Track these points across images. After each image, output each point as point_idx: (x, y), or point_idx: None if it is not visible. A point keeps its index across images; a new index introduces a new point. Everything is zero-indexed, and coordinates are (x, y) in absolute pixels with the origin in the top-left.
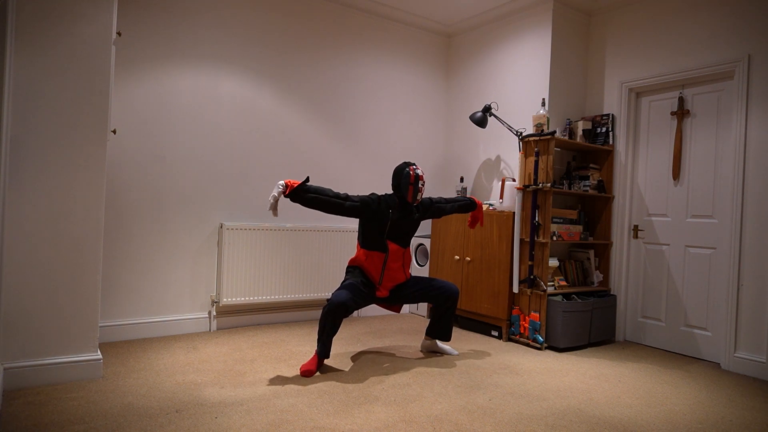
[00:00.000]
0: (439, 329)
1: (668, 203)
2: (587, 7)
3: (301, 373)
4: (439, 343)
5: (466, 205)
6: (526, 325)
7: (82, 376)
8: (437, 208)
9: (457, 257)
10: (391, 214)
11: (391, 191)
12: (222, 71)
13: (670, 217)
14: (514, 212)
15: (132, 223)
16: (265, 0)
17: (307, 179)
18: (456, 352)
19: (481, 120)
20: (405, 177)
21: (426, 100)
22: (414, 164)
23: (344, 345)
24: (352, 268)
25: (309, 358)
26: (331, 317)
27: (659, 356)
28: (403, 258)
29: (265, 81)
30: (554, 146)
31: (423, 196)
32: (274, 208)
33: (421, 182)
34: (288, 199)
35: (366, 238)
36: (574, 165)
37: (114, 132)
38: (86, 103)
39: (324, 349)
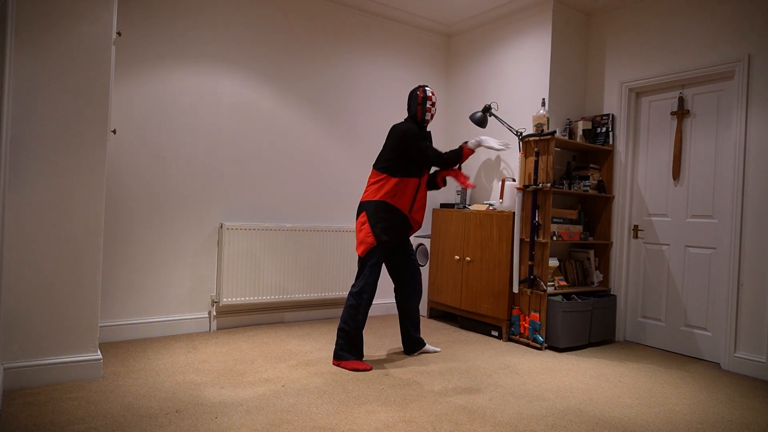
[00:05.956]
0: (412, 340)
1: (668, 203)
2: (587, 7)
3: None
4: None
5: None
6: (526, 325)
7: (82, 376)
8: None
9: (457, 257)
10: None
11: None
12: (222, 71)
13: (670, 217)
14: (514, 212)
15: (132, 222)
16: (265, 0)
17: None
18: (438, 349)
19: (480, 120)
20: (414, 97)
21: None
22: (426, 85)
23: None
24: (388, 209)
25: (350, 362)
26: (363, 310)
27: (659, 356)
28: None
29: (265, 81)
30: (554, 146)
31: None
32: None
33: (429, 102)
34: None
35: (403, 167)
36: (574, 165)
37: (114, 132)
38: (86, 103)
39: (359, 349)
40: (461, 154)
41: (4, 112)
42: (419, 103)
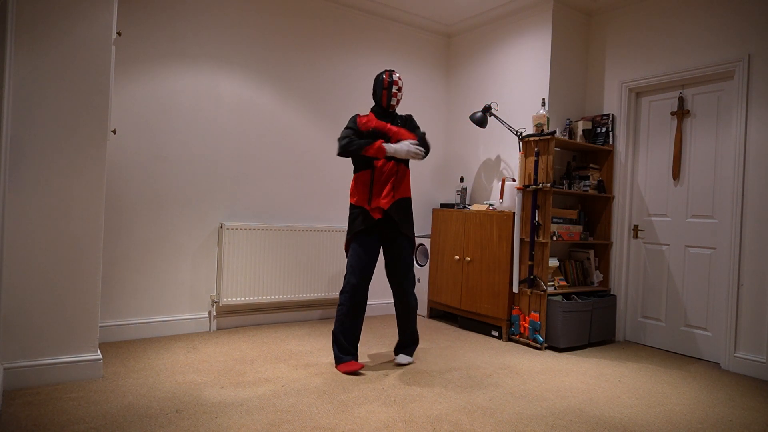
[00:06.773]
0: (398, 345)
1: (668, 203)
2: (587, 7)
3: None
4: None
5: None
6: (526, 325)
7: (82, 376)
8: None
9: (457, 257)
10: (367, 122)
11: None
12: (222, 71)
13: (670, 217)
14: (514, 212)
15: (132, 223)
16: (266, 0)
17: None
18: (411, 361)
19: (481, 120)
20: (379, 82)
21: (426, 100)
22: (393, 70)
23: None
24: (352, 209)
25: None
26: (347, 307)
27: (659, 356)
28: (396, 170)
29: (265, 81)
30: (554, 146)
31: (403, 111)
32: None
33: (395, 87)
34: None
35: (357, 161)
36: (574, 165)
37: (114, 132)
38: (86, 103)
39: (345, 348)
40: (371, 145)
41: (4, 112)
42: (385, 87)
